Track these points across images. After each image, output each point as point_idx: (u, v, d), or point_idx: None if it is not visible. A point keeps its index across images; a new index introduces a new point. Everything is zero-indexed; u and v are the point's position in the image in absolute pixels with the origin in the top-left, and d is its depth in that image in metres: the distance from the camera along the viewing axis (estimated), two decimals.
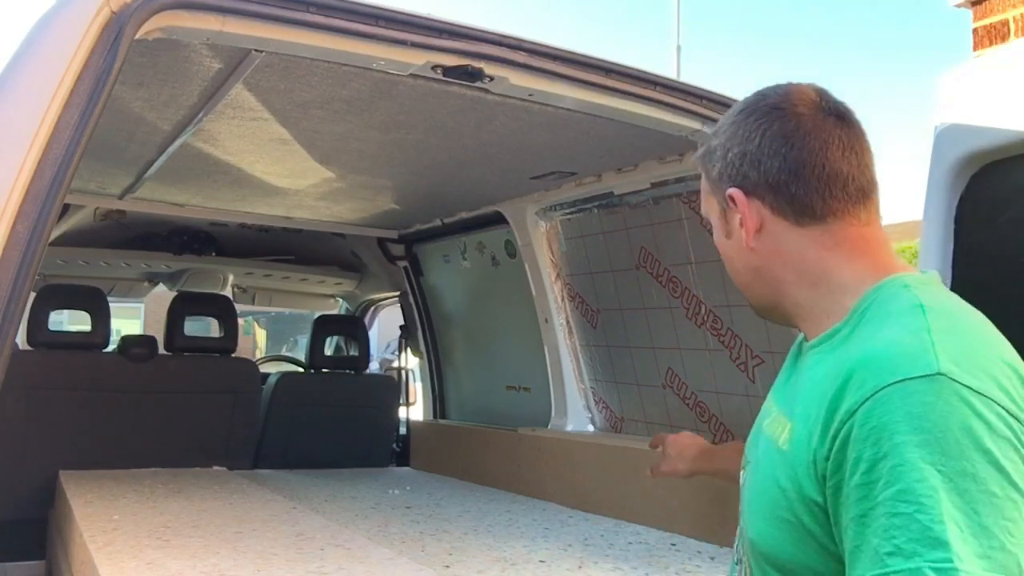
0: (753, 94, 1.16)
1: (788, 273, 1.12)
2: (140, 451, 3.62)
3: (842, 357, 0.99)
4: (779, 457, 1.03)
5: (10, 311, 1.34)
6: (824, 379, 0.99)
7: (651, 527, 2.66)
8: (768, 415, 1.15)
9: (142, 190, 3.34)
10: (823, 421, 0.95)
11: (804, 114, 1.10)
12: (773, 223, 1.10)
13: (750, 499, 1.10)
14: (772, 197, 1.10)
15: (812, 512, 0.96)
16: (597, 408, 3.35)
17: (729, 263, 1.19)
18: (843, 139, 1.09)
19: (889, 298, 1.03)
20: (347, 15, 1.72)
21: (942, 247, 2.03)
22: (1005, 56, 2.29)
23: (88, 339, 3.75)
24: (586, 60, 2.04)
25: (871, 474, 0.88)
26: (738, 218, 1.13)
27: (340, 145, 2.64)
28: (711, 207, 1.19)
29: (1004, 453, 0.86)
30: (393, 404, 4.58)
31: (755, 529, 1.06)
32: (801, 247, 1.10)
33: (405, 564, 2.05)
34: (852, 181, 1.09)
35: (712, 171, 1.16)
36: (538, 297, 3.39)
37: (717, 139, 1.17)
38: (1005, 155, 1.91)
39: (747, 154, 1.11)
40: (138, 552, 2.07)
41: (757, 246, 1.12)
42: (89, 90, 1.44)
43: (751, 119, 1.12)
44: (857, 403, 0.91)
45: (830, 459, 0.93)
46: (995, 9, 3.07)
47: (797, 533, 0.98)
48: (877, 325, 1.00)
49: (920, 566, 0.82)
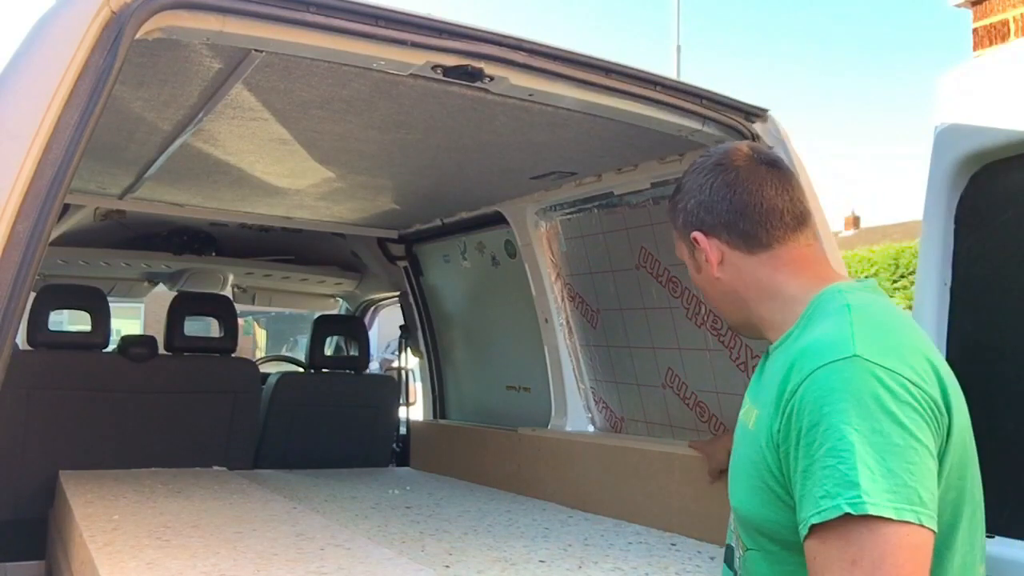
0: (700, 155, 1.50)
1: (750, 293, 1.40)
2: (140, 451, 3.62)
3: (790, 352, 1.26)
4: (750, 437, 1.31)
5: (10, 311, 1.34)
6: (779, 371, 1.25)
7: (651, 527, 2.66)
8: (744, 409, 1.43)
9: (142, 190, 3.34)
10: (775, 402, 1.22)
11: (741, 166, 1.40)
12: (731, 255, 1.40)
13: (732, 475, 1.37)
14: (727, 234, 1.40)
15: (773, 475, 1.22)
16: (597, 408, 3.35)
17: (704, 293, 1.48)
18: (775, 181, 1.39)
19: (826, 302, 1.31)
20: (347, 15, 1.72)
21: (942, 247, 2.03)
22: (1005, 56, 2.29)
23: (88, 339, 3.75)
24: (586, 60, 2.04)
25: (808, 437, 1.14)
26: (703, 255, 1.42)
27: (340, 145, 2.64)
28: (681, 250, 1.49)
29: (905, 413, 1.12)
30: (393, 404, 4.58)
31: (737, 498, 1.34)
32: (756, 271, 1.39)
33: (405, 564, 2.04)
34: (787, 213, 1.39)
35: (677, 221, 1.48)
36: (538, 297, 3.39)
37: (678, 195, 1.48)
38: (1005, 155, 1.91)
39: (701, 203, 1.42)
40: (138, 552, 2.07)
41: (721, 275, 1.42)
42: (89, 90, 1.44)
43: (700, 175, 1.43)
44: (797, 384, 1.18)
45: (780, 430, 1.20)
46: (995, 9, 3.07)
47: (765, 495, 1.24)
48: (816, 324, 1.28)
49: (839, 503, 1.08)
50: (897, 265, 14.49)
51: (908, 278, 13.32)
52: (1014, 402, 1.86)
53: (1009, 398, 1.87)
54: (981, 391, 1.89)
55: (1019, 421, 1.83)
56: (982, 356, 1.96)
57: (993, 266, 1.97)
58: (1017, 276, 1.89)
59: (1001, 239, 1.94)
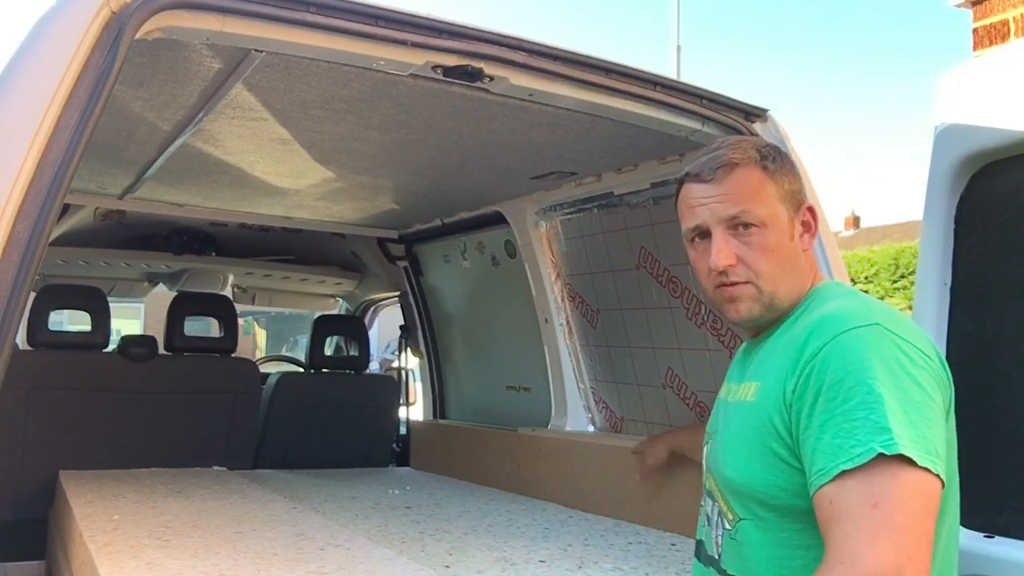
0: (759, 139, 1.65)
1: (807, 274, 1.45)
2: (140, 451, 3.62)
3: (799, 327, 1.34)
4: (749, 407, 1.36)
5: (10, 311, 1.34)
6: (786, 346, 1.33)
7: (651, 527, 2.66)
8: (729, 393, 1.49)
9: (142, 190, 3.34)
10: (791, 365, 1.27)
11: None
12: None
13: (725, 449, 1.41)
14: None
15: (779, 437, 1.27)
16: (597, 408, 3.35)
17: (783, 260, 1.41)
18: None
19: (827, 291, 1.41)
20: (347, 15, 1.72)
21: (942, 247, 2.04)
22: (1005, 56, 2.29)
23: (88, 339, 3.75)
24: (586, 60, 2.04)
25: (831, 392, 1.20)
26: (810, 227, 1.45)
27: (340, 145, 2.64)
28: (774, 211, 1.41)
29: (921, 376, 1.22)
30: (393, 404, 4.58)
31: (732, 467, 1.37)
32: (809, 255, 1.46)
33: (405, 564, 2.05)
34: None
35: (790, 183, 1.44)
36: (538, 297, 3.39)
37: (783, 160, 1.46)
38: (1005, 155, 1.91)
39: (803, 183, 1.48)
40: (138, 552, 2.07)
41: (807, 254, 1.45)
42: (89, 90, 1.44)
43: (787, 157, 1.48)
44: (820, 347, 1.25)
45: (795, 390, 1.25)
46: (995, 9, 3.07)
47: (768, 459, 1.29)
48: (822, 305, 1.35)
49: (872, 446, 1.14)
50: (897, 265, 14.48)
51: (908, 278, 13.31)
52: (1013, 402, 1.86)
53: (1008, 398, 1.87)
54: (980, 391, 1.89)
55: (1018, 421, 1.83)
56: (982, 356, 1.96)
57: (993, 266, 1.97)
58: (1017, 276, 1.89)
59: (1001, 239, 1.95)
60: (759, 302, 1.41)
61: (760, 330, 1.47)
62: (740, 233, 1.39)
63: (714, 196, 1.41)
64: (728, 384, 1.54)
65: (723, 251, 1.39)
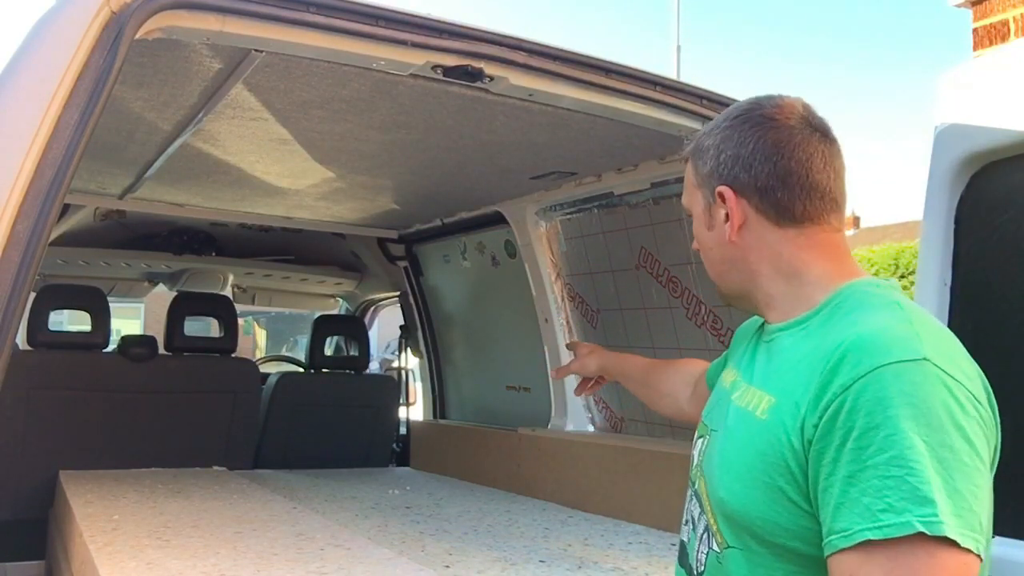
0: (747, 101, 1.27)
1: (763, 266, 1.24)
2: (140, 451, 3.62)
3: (827, 340, 1.10)
4: (758, 426, 1.14)
5: (10, 311, 1.34)
6: (807, 359, 1.11)
7: (651, 527, 2.66)
8: (736, 388, 1.26)
9: (142, 190, 3.34)
10: (814, 394, 1.05)
11: (794, 127, 1.21)
12: (756, 221, 1.22)
13: (721, 463, 1.20)
14: (758, 199, 1.21)
15: (789, 474, 1.07)
16: (597, 408, 3.35)
17: (706, 252, 1.31)
18: (825, 154, 1.22)
19: (861, 295, 1.17)
20: (347, 15, 1.72)
21: (942, 247, 2.03)
22: (1005, 56, 2.29)
23: (88, 339, 3.75)
24: (586, 60, 2.04)
25: (862, 440, 0.99)
26: (723, 213, 1.24)
27: (340, 145, 2.64)
28: (695, 200, 1.30)
29: (972, 430, 1.01)
30: (393, 404, 4.58)
31: (728, 490, 1.17)
32: (778, 245, 1.22)
33: (405, 564, 2.05)
34: (829, 192, 1.22)
35: (703, 168, 1.27)
36: (538, 297, 3.39)
37: (710, 139, 1.26)
38: (1005, 155, 1.91)
39: (740, 157, 1.22)
40: (138, 552, 2.07)
41: (738, 240, 1.23)
42: (89, 90, 1.44)
43: (746, 126, 1.23)
44: (852, 379, 1.02)
45: (818, 426, 1.03)
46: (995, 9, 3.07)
47: (771, 493, 1.09)
48: (857, 315, 1.12)
49: (909, 520, 0.94)
50: (897, 265, 14.49)
51: (908, 278, 13.31)
52: (1014, 402, 1.85)
53: (1009, 398, 1.87)
54: None
55: (1019, 421, 1.83)
56: (982, 356, 1.96)
57: (993, 266, 1.97)
58: (1017, 276, 1.89)
59: (1001, 239, 1.94)
60: (718, 292, 1.34)
61: (753, 313, 1.33)
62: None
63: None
64: (733, 371, 1.34)
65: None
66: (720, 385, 1.38)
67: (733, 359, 1.40)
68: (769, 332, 1.26)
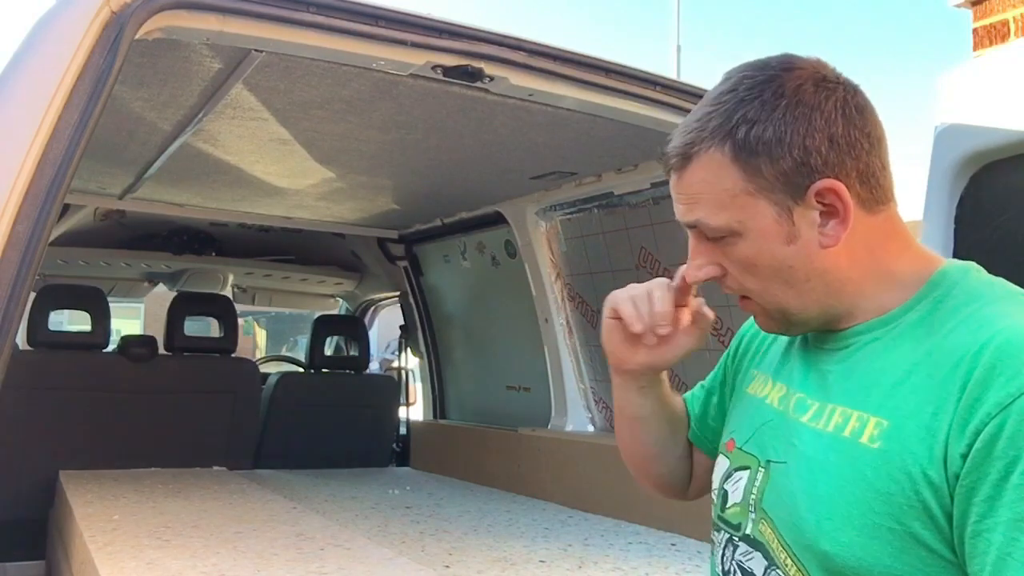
0: (772, 68, 0.95)
1: (855, 270, 0.95)
2: (140, 451, 3.62)
3: (948, 344, 0.87)
4: (869, 456, 0.87)
5: (10, 311, 1.34)
6: (921, 368, 0.88)
7: (651, 527, 2.66)
8: (803, 407, 0.98)
9: (142, 190, 3.34)
10: (957, 415, 0.82)
11: (851, 86, 0.95)
12: (854, 215, 0.93)
13: (815, 505, 0.91)
14: (859, 185, 0.93)
15: (927, 517, 0.83)
16: (597, 408, 3.35)
17: (783, 275, 0.96)
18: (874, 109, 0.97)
19: (970, 284, 0.95)
20: (347, 15, 1.72)
21: (942, 247, 2.03)
22: (1005, 56, 2.29)
23: (88, 339, 3.75)
24: (586, 60, 2.04)
25: None
26: (816, 215, 0.93)
27: (340, 145, 2.64)
28: (748, 212, 0.94)
29: None
30: (393, 404, 4.58)
31: (835, 540, 0.89)
32: (871, 239, 0.95)
33: (405, 564, 2.05)
34: (889, 154, 0.97)
35: (773, 166, 0.92)
36: (538, 297, 3.39)
37: (766, 127, 0.92)
38: (1005, 155, 1.91)
39: (834, 139, 0.91)
40: (138, 552, 2.07)
41: (839, 245, 0.94)
42: (89, 90, 1.44)
43: (817, 97, 0.92)
44: (1013, 395, 0.79)
45: (969, 456, 0.80)
46: (995, 9, 3.07)
47: (901, 542, 0.85)
48: (979, 309, 0.90)
49: None
50: None
51: None
52: None
53: None
54: None
55: None
56: None
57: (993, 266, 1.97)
58: (1017, 276, 1.89)
59: (1001, 239, 1.94)
60: (774, 319, 1.02)
61: (831, 330, 0.99)
62: (716, 240, 0.99)
63: (678, 193, 1.02)
64: (775, 382, 1.06)
65: (693, 263, 1.05)
66: (755, 400, 1.09)
67: (758, 364, 1.14)
68: (834, 336, 0.99)
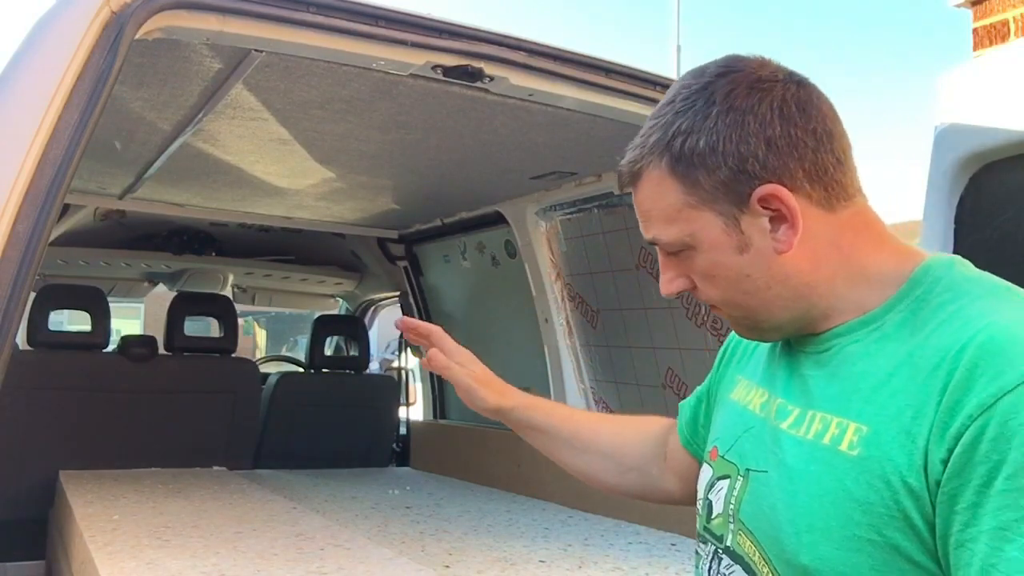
0: (709, 74, 0.92)
1: (821, 272, 0.91)
2: (140, 451, 3.62)
3: (931, 343, 0.83)
4: (847, 464, 0.84)
5: (10, 311, 1.34)
6: (903, 370, 0.84)
7: (651, 527, 2.66)
8: (784, 413, 0.94)
9: (142, 190, 3.34)
10: (937, 418, 0.79)
11: (788, 79, 0.91)
12: (809, 216, 0.89)
13: (794, 517, 0.87)
14: (808, 185, 0.89)
15: (908, 528, 0.80)
16: (597, 408, 3.35)
17: (738, 285, 0.94)
18: (829, 101, 0.94)
19: (952, 279, 0.89)
20: (347, 15, 1.72)
21: (942, 247, 2.03)
22: (1005, 56, 2.29)
23: (88, 339, 3.75)
24: (586, 60, 2.04)
25: (1020, 479, 0.73)
26: (765, 221, 0.90)
27: (340, 145, 2.64)
28: (695, 224, 0.93)
29: None
30: (393, 404, 4.58)
31: (814, 553, 0.85)
32: (836, 237, 0.91)
33: (405, 564, 2.04)
34: (851, 148, 0.93)
35: (711, 177, 0.89)
36: (538, 297, 3.39)
37: (699, 137, 0.89)
38: (1005, 155, 1.91)
39: (772, 141, 0.88)
40: (138, 552, 2.07)
41: (794, 249, 0.90)
42: (89, 90, 1.44)
43: (750, 100, 0.88)
44: (995, 396, 0.76)
45: (949, 461, 0.77)
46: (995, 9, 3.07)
47: (883, 554, 0.81)
48: (962, 306, 0.85)
49: None
50: None
51: None
52: None
53: None
54: None
55: None
56: None
57: (993, 266, 1.97)
58: (1017, 276, 1.89)
59: (1001, 239, 1.94)
60: (744, 327, 1.00)
61: (807, 334, 0.96)
62: (677, 255, 1.00)
63: (636, 210, 1.01)
64: (758, 389, 1.02)
65: (663, 277, 1.05)
66: (737, 406, 1.06)
67: (741, 370, 1.10)
68: (815, 339, 0.95)
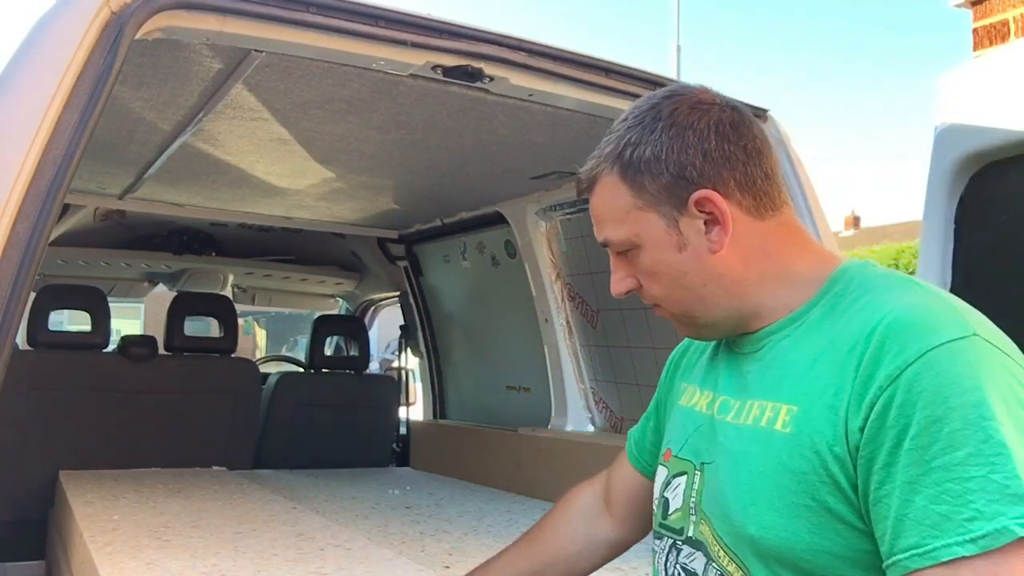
0: (657, 99, 1.11)
1: (752, 272, 1.06)
2: (140, 451, 3.62)
3: (847, 331, 0.95)
4: (782, 441, 0.96)
5: (10, 311, 1.34)
6: (825, 355, 0.96)
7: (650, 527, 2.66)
8: (726, 408, 1.07)
9: (142, 190, 3.34)
10: (855, 391, 0.90)
11: (726, 105, 1.08)
12: (739, 221, 1.04)
13: (740, 496, 1.00)
14: (739, 193, 1.04)
15: (837, 491, 0.91)
16: (597, 408, 3.35)
17: (678, 281, 1.08)
18: (760, 126, 1.10)
19: (864, 277, 1.01)
20: (347, 15, 1.72)
21: (942, 247, 2.03)
22: (1005, 56, 2.29)
23: (88, 339, 3.75)
24: (586, 60, 2.04)
25: (923, 438, 0.84)
26: (700, 223, 1.04)
27: (340, 145, 2.64)
28: (640, 224, 1.08)
29: None
30: (393, 404, 4.58)
31: (760, 524, 0.97)
32: (764, 242, 1.06)
33: (405, 564, 2.05)
34: (778, 165, 1.09)
35: (654, 181, 1.05)
36: (538, 297, 3.39)
37: (645, 148, 1.06)
38: (1005, 155, 1.91)
39: (707, 152, 1.03)
40: (138, 552, 2.07)
41: (726, 249, 1.04)
42: (89, 90, 1.44)
43: (691, 118, 1.05)
44: (900, 368, 0.87)
45: (865, 429, 0.88)
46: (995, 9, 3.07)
47: (818, 517, 0.92)
48: (873, 298, 0.97)
49: (1006, 524, 0.79)
50: (897, 265, 14.51)
51: None
52: None
53: None
54: None
55: None
56: None
57: (993, 266, 1.97)
58: (1017, 276, 1.89)
59: (1001, 239, 1.95)
60: (683, 324, 1.14)
61: (739, 333, 1.11)
62: (625, 254, 1.14)
63: (592, 215, 1.16)
64: (701, 391, 1.16)
65: (614, 277, 1.18)
66: (685, 409, 1.19)
67: (687, 378, 1.24)
68: (750, 339, 1.08)
